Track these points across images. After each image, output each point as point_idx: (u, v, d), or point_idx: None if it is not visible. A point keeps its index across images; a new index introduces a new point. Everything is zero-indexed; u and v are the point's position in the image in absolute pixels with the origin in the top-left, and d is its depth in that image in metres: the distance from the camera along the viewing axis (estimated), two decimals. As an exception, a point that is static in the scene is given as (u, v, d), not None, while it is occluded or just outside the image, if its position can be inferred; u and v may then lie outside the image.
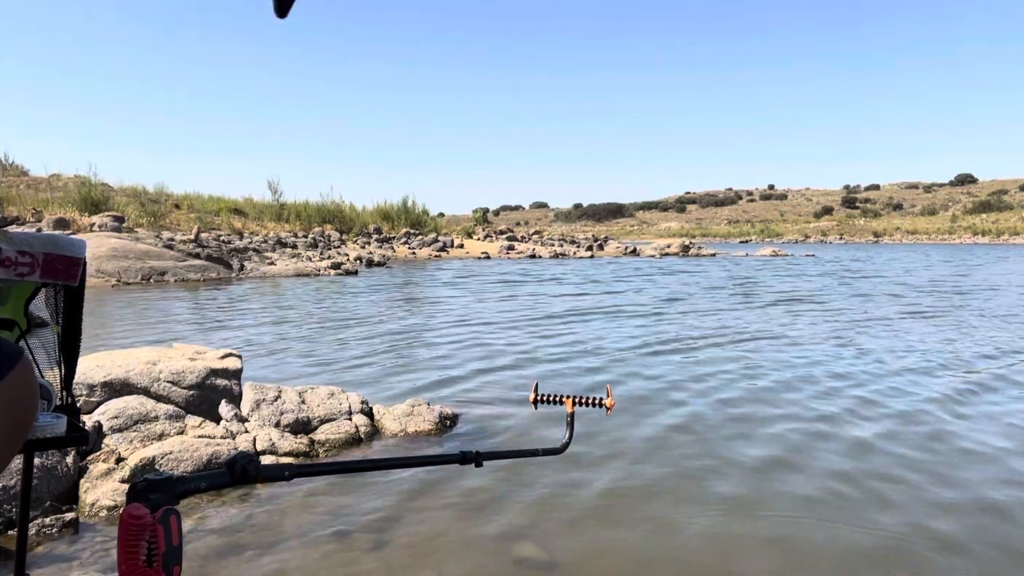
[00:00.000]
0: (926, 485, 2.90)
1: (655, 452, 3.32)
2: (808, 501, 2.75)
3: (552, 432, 3.52)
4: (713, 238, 66.93)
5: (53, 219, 14.36)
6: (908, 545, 2.37)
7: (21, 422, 0.70)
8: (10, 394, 0.66)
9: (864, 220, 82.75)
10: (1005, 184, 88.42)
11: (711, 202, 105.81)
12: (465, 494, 2.77)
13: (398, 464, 1.07)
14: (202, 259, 13.92)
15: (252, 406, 3.47)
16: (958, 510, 2.65)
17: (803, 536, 2.45)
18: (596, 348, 6.19)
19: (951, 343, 6.49)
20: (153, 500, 0.66)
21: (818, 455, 3.28)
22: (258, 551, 2.29)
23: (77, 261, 1.05)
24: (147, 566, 0.63)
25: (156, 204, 18.97)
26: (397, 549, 2.33)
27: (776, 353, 5.94)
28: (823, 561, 2.27)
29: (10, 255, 0.96)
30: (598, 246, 30.71)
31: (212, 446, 2.97)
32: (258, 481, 0.77)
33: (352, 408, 3.63)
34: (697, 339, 6.68)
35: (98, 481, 2.71)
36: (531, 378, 4.71)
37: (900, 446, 3.41)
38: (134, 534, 0.63)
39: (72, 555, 2.25)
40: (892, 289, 12.66)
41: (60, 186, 18.38)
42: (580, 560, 2.27)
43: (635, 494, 2.82)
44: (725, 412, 4.04)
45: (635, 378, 4.93)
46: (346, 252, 19.59)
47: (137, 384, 3.33)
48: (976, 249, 39.88)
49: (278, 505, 2.66)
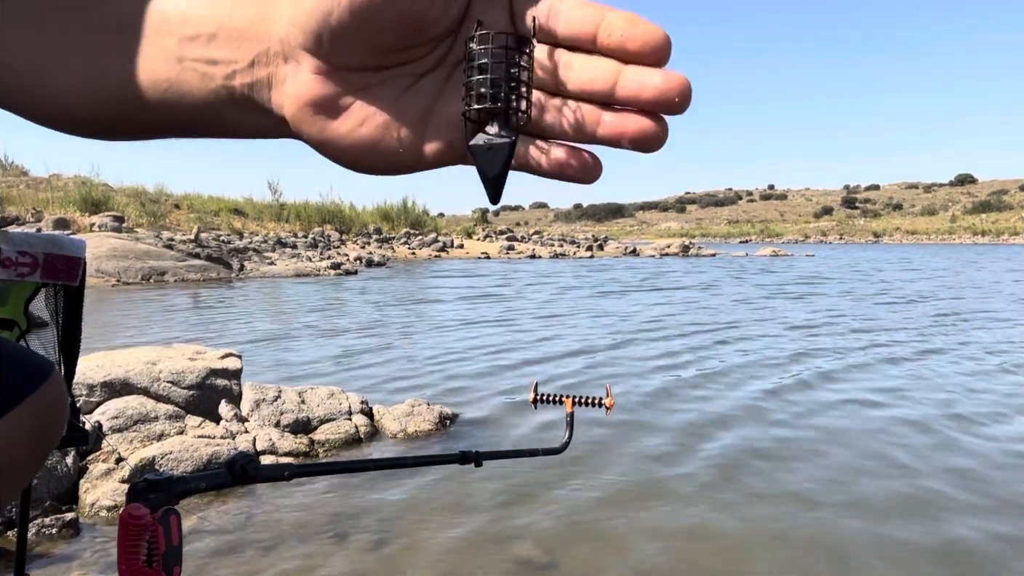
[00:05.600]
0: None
1: (656, 452, 3.32)
2: (816, 500, 2.75)
3: (552, 432, 3.52)
4: (713, 238, 66.92)
5: (53, 219, 14.35)
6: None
7: (47, 441, 0.67)
8: (37, 413, 0.64)
9: (864, 220, 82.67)
10: (1005, 184, 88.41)
11: (711, 202, 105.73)
12: (465, 494, 2.77)
13: (398, 464, 1.07)
14: (202, 259, 13.92)
15: (252, 406, 3.47)
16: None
17: (808, 536, 2.44)
18: (597, 348, 6.19)
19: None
20: (153, 500, 0.66)
21: (819, 453, 3.28)
22: (258, 551, 2.29)
23: (77, 261, 1.05)
24: (147, 566, 0.63)
25: (156, 204, 18.95)
26: (397, 549, 2.33)
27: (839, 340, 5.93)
28: (830, 563, 2.27)
29: (10, 255, 0.96)
30: (598, 246, 30.71)
31: (212, 446, 2.97)
32: (258, 481, 0.77)
33: (352, 408, 3.63)
34: (706, 334, 6.68)
35: (98, 481, 2.71)
36: (531, 378, 4.71)
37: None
38: (134, 534, 0.63)
39: (72, 555, 2.25)
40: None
41: (60, 186, 18.38)
42: (580, 560, 2.27)
43: (636, 494, 2.82)
44: (727, 413, 4.04)
45: (634, 379, 4.93)
46: (346, 252, 19.58)
47: (137, 384, 3.33)
48: (976, 249, 39.88)
49: (278, 505, 2.66)
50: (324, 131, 0.36)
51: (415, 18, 0.33)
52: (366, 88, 0.36)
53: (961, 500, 2.74)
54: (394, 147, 0.36)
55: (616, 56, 0.33)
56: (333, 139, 0.36)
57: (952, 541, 2.40)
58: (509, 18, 0.34)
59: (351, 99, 0.36)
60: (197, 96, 0.36)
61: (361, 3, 0.32)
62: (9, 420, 0.61)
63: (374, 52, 0.34)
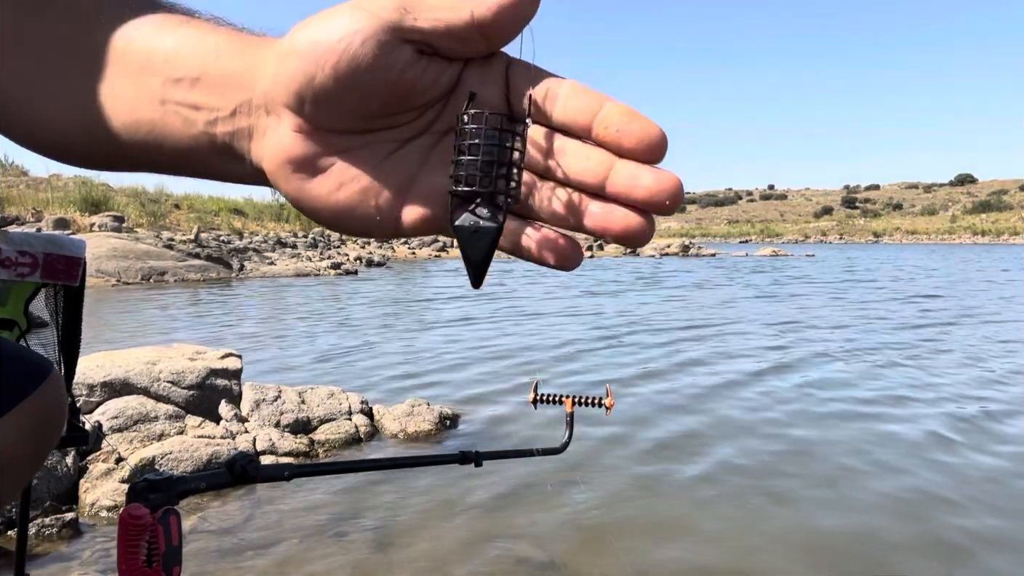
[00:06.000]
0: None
1: (656, 452, 3.32)
2: (817, 501, 2.74)
3: (552, 432, 3.52)
4: (713, 238, 66.94)
5: (53, 219, 14.35)
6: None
7: (45, 442, 0.67)
8: (36, 412, 0.64)
9: (864, 220, 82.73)
10: (1005, 184, 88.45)
11: (711, 202, 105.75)
12: (465, 494, 2.77)
13: (398, 464, 1.07)
14: (202, 259, 13.92)
15: (252, 406, 3.47)
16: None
17: (810, 535, 2.44)
18: (597, 348, 6.19)
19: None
20: (153, 500, 0.66)
21: (820, 452, 3.28)
22: (258, 551, 2.29)
23: (78, 261, 1.05)
24: (147, 566, 0.63)
25: (156, 204, 18.95)
26: (397, 549, 2.33)
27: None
28: (831, 564, 2.27)
29: (10, 255, 0.96)
30: (598, 246, 30.69)
31: (212, 446, 2.97)
32: (258, 481, 0.77)
33: (352, 408, 3.63)
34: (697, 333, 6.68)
35: (98, 481, 2.71)
36: (531, 378, 4.71)
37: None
38: (134, 534, 0.63)
39: (72, 555, 2.25)
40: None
41: (60, 186, 18.37)
42: (580, 560, 2.28)
43: (636, 494, 2.82)
44: (730, 414, 4.04)
45: (635, 378, 4.94)
46: (346, 252, 19.59)
47: (137, 384, 3.33)
48: (975, 249, 39.92)
49: (278, 505, 2.66)
50: (301, 190, 0.35)
51: (404, 87, 0.32)
52: (348, 151, 0.35)
53: (945, 496, 2.74)
54: (371, 214, 0.35)
55: (610, 149, 0.32)
56: (309, 199, 0.35)
57: (936, 535, 2.40)
58: (504, 93, 0.33)
59: (331, 160, 0.34)
60: (179, 140, 0.36)
61: (346, 71, 0.31)
62: (9, 420, 0.61)
63: (358, 117, 0.33)
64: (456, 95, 0.34)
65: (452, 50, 0.32)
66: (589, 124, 0.32)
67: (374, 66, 0.31)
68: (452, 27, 0.31)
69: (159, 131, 0.36)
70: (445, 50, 0.32)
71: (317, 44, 0.31)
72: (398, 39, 0.31)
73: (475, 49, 0.32)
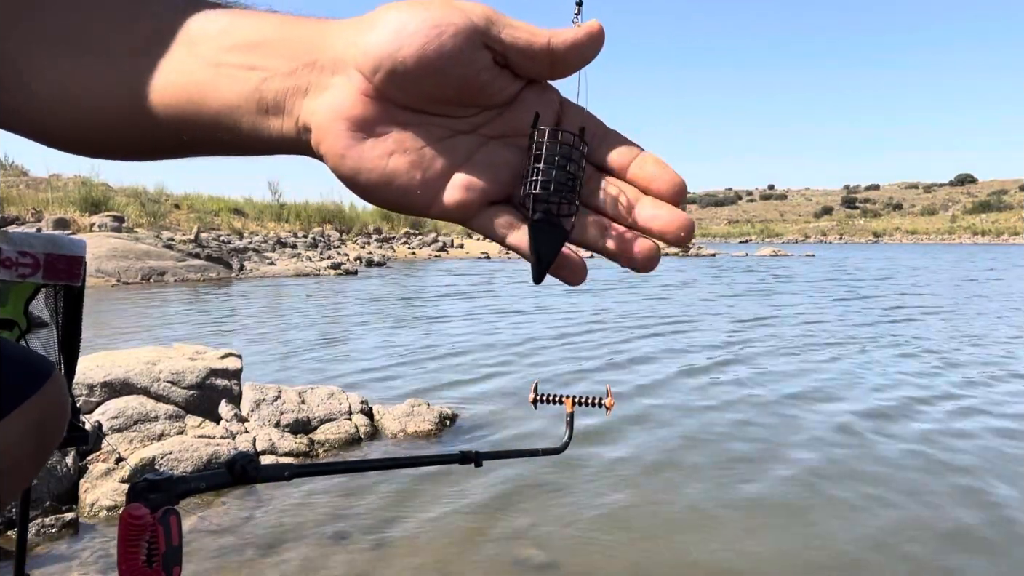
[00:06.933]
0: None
1: (656, 451, 3.32)
2: (817, 500, 2.75)
3: (552, 432, 3.52)
4: (713, 238, 66.91)
5: (53, 219, 14.35)
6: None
7: (47, 443, 0.68)
8: (38, 414, 0.64)
9: (864, 220, 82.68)
10: (1005, 184, 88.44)
11: (711, 202, 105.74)
12: (465, 494, 2.77)
13: (398, 464, 1.07)
14: (202, 259, 13.92)
15: (252, 406, 3.47)
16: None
17: (810, 536, 2.44)
18: (597, 347, 6.19)
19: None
20: (153, 500, 0.66)
21: (819, 453, 3.28)
22: (258, 551, 2.29)
23: (78, 261, 1.05)
24: (147, 566, 0.63)
25: (156, 204, 18.95)
26: (397, 549, 2.33)
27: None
28: (832, 563, 2.28)
29: (11, 255, 0.96)
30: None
31: (212, 446, 2.97)
32: (258, 481, 0.77)
33: (352, 408, 3.63)
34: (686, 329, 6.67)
35: (98, 481, 2.71)
36: (531, 378, 4.71)
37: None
38: (134, 534, 0.63)
39: (72, 555, 2.25)
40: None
41: (60, 186, 18.38)
42: (580, 560, 2.28)
43: (636, 494, 2.82)
44: (728, 413, 4.04)
45: (635, 379, 4.94)
46: (346, 252, 19.59)
47: (137, 384, 3.33)
48: (972, 248, 39.93)
49: (278, 505, 2.66)
50: (350, 148, 0.36)
51: (477, 85, 0.35)
52: (405, 124, 0.37)
53: (895, 496, 2.75)
54: (414, 187, 0.37)
55: (638, 186, 0.38)
56: (354, 159, 0.36)
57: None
58: (556, 122, 0.38)
59: (388, 128, 0.36)
60: (223, 99, 0.37)
61: (431, 55, 0.34)
62: (11, 421, 0.61)
63: (427, 99, 0.36)
64: (512, 108, 0.38)
65: (521, 67, 0.36)
66: (626, 166, 0.38)
67: (458, 59, 0.34)
68: (530, 46, 0.35)
69: (205, 92, 0.37)
70: (515, 65, 0.36)
71: (407, 24, 0.34)
72: (482, 43, 0.34)
73: (539, 71, 0.37)
